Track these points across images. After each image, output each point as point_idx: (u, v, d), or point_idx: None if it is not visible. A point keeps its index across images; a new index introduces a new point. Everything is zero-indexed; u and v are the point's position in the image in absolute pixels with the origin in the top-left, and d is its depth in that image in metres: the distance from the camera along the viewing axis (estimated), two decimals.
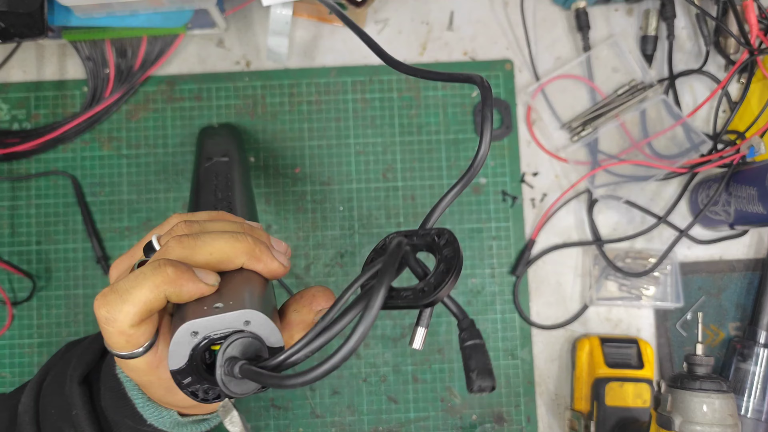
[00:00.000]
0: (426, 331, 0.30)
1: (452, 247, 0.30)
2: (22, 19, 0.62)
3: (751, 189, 0.61)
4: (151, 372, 0.33)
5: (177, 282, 0.30)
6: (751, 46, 0.65)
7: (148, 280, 0.30)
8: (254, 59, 0.71)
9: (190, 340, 0.30)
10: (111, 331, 0.30)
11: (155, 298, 0.30)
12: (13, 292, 0.67)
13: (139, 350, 0.32)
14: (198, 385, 0.32)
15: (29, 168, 0.68)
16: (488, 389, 0.28)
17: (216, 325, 0.30)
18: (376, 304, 0.25)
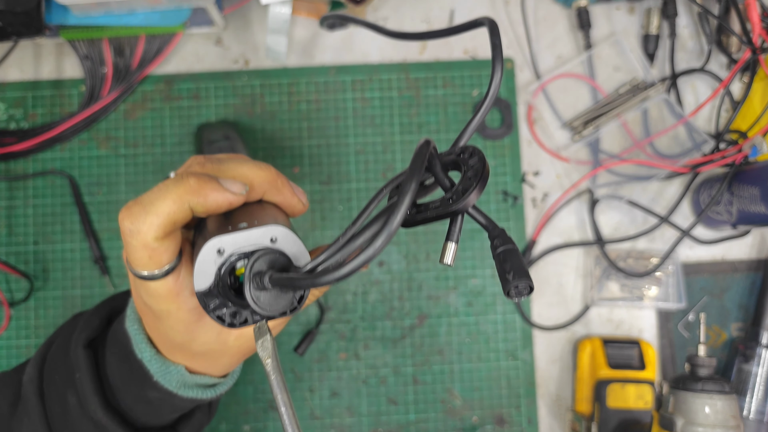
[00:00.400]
0: (456, 246, 0.29)
1: (477, 156, 0.29)
2: (20, 18, 0.62)
3: (754, 189, 0.60)
4: (171, 299, 0.32)
5: (201, 191, 0.29)
6: (754, 45, 0.64)
7: (171, 191, 0.29)
8: (253, 58, 0.70)
9: (215, 259, 0.30)
10: (134, 244, 0.29)
11: (179, 209, 0.29)
12: (10, 292, 0.67)
13: (161, 270, 0.31)
14: (225, 308, 0.31)
15: (26, 168, 0.68)
16: (526, 290, 0.27)
17: (242, 242, 0.30)
18: (405, 202, 0.24)
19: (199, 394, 0.39)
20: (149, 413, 0.39)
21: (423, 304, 0.68)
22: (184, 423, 0.43)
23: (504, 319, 0.68)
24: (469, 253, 0.69)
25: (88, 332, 0.40)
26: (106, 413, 0.38)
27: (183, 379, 0.37)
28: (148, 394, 0.38)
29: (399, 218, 0.24)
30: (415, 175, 0.25)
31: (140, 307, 0.35)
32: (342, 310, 0.68)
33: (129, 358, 0.37)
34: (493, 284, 0.68)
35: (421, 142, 0.28)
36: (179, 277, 0.32)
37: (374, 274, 0.68)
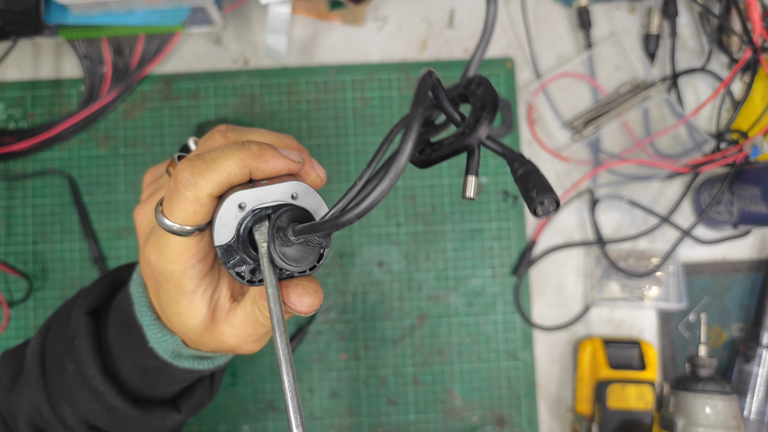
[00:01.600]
0: (477, 179, 0.29)
1: (485, 86, 0.28)
2: (19, 18, 0.62)
3: (755, 188, 0.60)
4: (183, 260, 0.32)
5: (262, 156, 0.30)
6: (755, 45, 0.64)
7: (235, 153, 0.30)
8: (252, 57, 0.70)
9: (236, 213, 0.30)
10: (187, 196, 0.30)
11: (239, 171, 0.30)
12: (9, 292, 0.66)
13: (190, 228, 0.31)
14: (244, 265, 0.31)
15: (25, 167, 0.68)
16: (552, 204, 0.26)
17: (263, 197, 0.30)
18: (411, 135, 0.24)
19: (195, 365, 0.39)
20: (147, 383, 0.39)
21: (423, 304, 0.68)
22: (184, 397, 0.43)
23: (504, 319, 0.68)
24: (469, 253, 0.68)
25: (90, 300, 0.40)
26: (104, 380, 0.38)
27: (178, 349, 0.37)
28: (145, 362, 0.38)
29: (408, 149, 0.23)
30: (418, 106, 0.25)
31: (145, 269, 0.35)
32: (342, 310, 0.68)
33: (129, 322, 0.38)
34: (493, 284, 0.68)
35: (423, 73, 0.27)
36: (200, 241, 0.32)
37: (374, 274, 0.68)
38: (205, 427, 0.66)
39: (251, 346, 0.37)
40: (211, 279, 0.34)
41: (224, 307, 0.35)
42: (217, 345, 0.36)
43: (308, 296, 0.32)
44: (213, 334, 0.35)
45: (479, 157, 0.29)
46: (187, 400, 0.43)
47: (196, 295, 0.34)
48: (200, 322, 0.35)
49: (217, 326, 0.35)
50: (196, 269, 0.33)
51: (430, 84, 0.27)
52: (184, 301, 0.34)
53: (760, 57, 0.65)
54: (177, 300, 0.34)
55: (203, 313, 0.34)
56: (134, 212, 0.37)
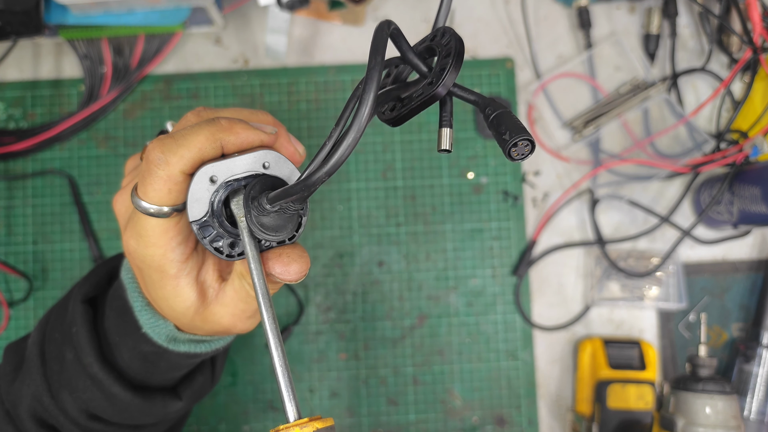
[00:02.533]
0: (451, 131, 0.28)
1: (449, 34, 0.28)
2: (19, 18, 0.62)
3: (755, 188, 0.60)
4: (162, 242, 0.32)
5: (232, 129, 0.30)
6: (755, 45, 0.64)
7: (204, 129, 0.30)
8: (252, 57, 0.70)
9: (208, 187, 0.30)
10: (160, 174, 0.29)
11: (210, 145, 0.30)
12: (9, 292, 0.66)
13: (169, 208, 0.31)
14: (221, 240, 0.31)
15: (25, 167, 0.68)
16: (527, 146, 0.26)
17: (233, 168, 0.30)
18: (371, 87, 0.23)
19: (193, 348, 0.38)
20: (147, 370, 0.39)
21: (423, 304, 0.68)
22: (185, 385, 0.42)
23: (504, 319, 0.68)
24: (469, 253, 0.68)
25: (86, 288, 0.40)
26: (102, 367, 0.38)
27: (172, 334, 0.37)
28: (143, 347, 0.37)
29: (369, 101, 0.23)
30: (376, 54, 0.24)
31: (127, 254, 0.35)
32: (342, 310, 0.68)
33: (125, 309, 0.37)
34: (493, 284, 0.68)
35: (380, 23, 0.27)
36: (179, 222, 0.32)
37: (374, 274, 0.68)
38: (205, 427, 0.66)
39: (246, 324, 0.36)
40: (194, 261, 0.34)
41: (213, 287, 0.35)
42: (211, 327, 0.36)
43: (294, 263, 0.32)
44: (205, 316, 0.35)
45: (452, 107, 0.28)
46: (188, 387, 0.42)
47: (180, 279, 0.33)
48: (189, 306, 0.34)
49: (208, 308, 0.35)
50: (176, 252, 0.32)
51: (387, 33, 0.26)
52: (168, 285, 0.33)
53: (760, 57, 0.65)
54: (161, 285, 0.33)
55: (191, 297, 0.34)
56: (113, 200, 0.37)
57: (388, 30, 0.26)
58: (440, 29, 0.29)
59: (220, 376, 0.46)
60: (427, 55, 0.30)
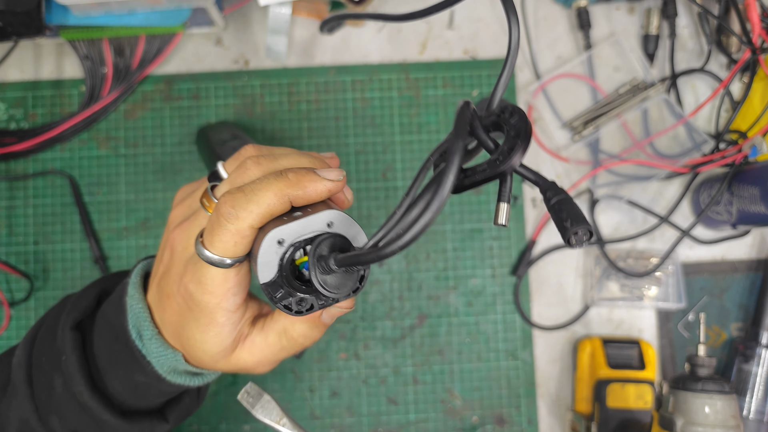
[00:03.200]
0: (509, 206, 0.29)
1: (518, 115, 0.29)
2: (20, 18, 0.62)
3: (754, 189, 0.60)
4: (220, 292, 0.33)
5: (300, 183, 0.31)
6: (753, 45, 0.64)
7: (272, 185, 0.31)
8: (253, 58, 0.70)
9: (276, 250, 0.31)
10: (229, 228, 0.30)
11: (279, 201, 0.31)
12: (10, 292, 0.67)
13: (232, 260, 0.32)
14: (290, 297, 0.32)
15: (26, 168, 0.68)
16: (586, 235, 0.27)
17: (300, 230, 0.31)
18: (454, 166, 0.24)
19: (187, 381, 0.39)
20: (136, 397, 0.39)
21: (423, 304, 0.68)
22: (172, 407, 0.43)
23: (504, 319, 0.68)
24: (469, 253, 0.69)
25: (76, 314, 0.40)
26: (92, 396, 0.38)
27: (176, 365, 0.37)
28: (136, 377, 0.38)
29: (450, 182, 0.24)
30: (459, 137, 0.25)
31: (170, 291, 0.35)
32: None
33: (119, 338, 0.37)
34: (493, 284, 0.69)
35: (461, 104, 0.28)
36: (239, 273, 0.33)
37: (374, 274, 0.68)
38: (205, 427, 0.66)
39: (264, 368, 0.38)
40: (242, 311, 0.35)
41: (244, 332, 0.36)
42: (231, 368, 0.37)
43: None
44: (230, 360, 0.36)
45: (511, 183, 0.29)
46: (175, 410, 0.43)
47: (226, 327, 0.34)
48: (222, 350, 0.35)
49: (234, 352, 0.36)
50: (230, 302, 0.34)
51: (469, 115, 0.28)
52: (212, 331, 0.34)
53: (759, 57, 0.65)
54: (205, 329, 0.34)
55: (227, 342, 0.35)
56: (171, 232, 0.37)
57: (469, 111, 0.28)
58: (509, 107, 0.30)
59: (204, 398, 0.46)
60: (492, 128, 0.31)
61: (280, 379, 0.67)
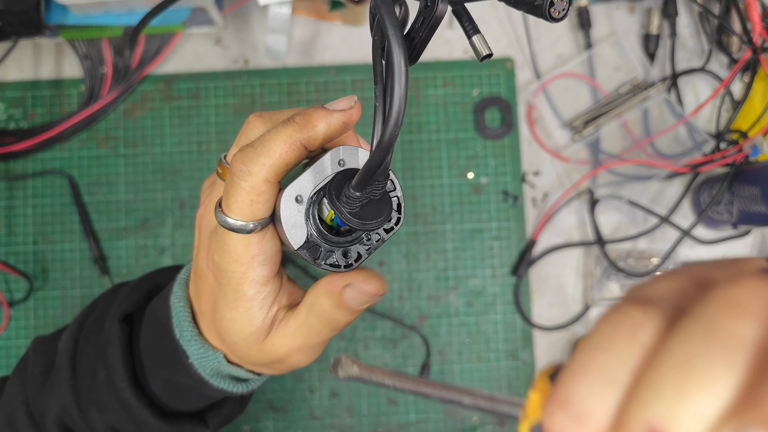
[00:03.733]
0: (481, 36, 0.27)
1: None
2: (19, 18, 0.62)
3: (755, 188, 0.60)
4: (245, 260, 0.31)
5: (310, 124, 0.29)
6: (754, 45, 0.64)
7: (280, 132, 0.29)
8: (252, 57, 0.70)
9: (299, 209, 0.29)
10: (243, 186, 0.29)
11: (291, 148, 0.29)
12: (9, 292, 0.66)
13: (253, 223, 0.30)
14: (333, 254, 0.30)
15: (26, 167, 0.68)
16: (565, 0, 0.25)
17: (313, 180, 0.29)
18: (393, 33, 0.22)
19: (231, 387, 0.37)
20: (177, 399, 0.38)
21: (423, 304, 0.68)
22: (213, 412, 0.41)
23: (504, 319, 0.68)
24: (469, 253, 0.69)
25: (126, 306, 0.39)
26: (134, 393, 0.37)
27: (218, 367, 0.36)
28: (179, 379, 0.37)
29: (398, 45, 0.22)
30: (384, 3, 0.23)
31: (201, 271, 0.34)
32: None
33: (165, 337, 0.36)
34: (493, 284, 0.68)
35: None
36: (263, 239, 0.31)
37: None
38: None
39: (301, 358, 0.35)
40: (273, 287, 0.33)
41: (279, 317, 0.34)
42: (265, 357, 0.35)
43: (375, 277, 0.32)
44: (263, 346, 0.34)
45: (468, 13, 0.27)
46: (217, 416, 0.41)
47: (255, 301, 0.32)
48: (254, 331, 0.33)
49: (268, 337, 0.34)
50: (257, 272, 0.31)
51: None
52: (242, 306, 0.32)
53: (759, 57, 0.65)
54: (235, 305, 0.32)
55: (259, 322, 0.33)
56: (196, 218, 0.36)
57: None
58: None
59: (248, 404, 0.44)
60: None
61: (279, 379, 0.66)
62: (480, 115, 0.69)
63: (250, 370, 0.37)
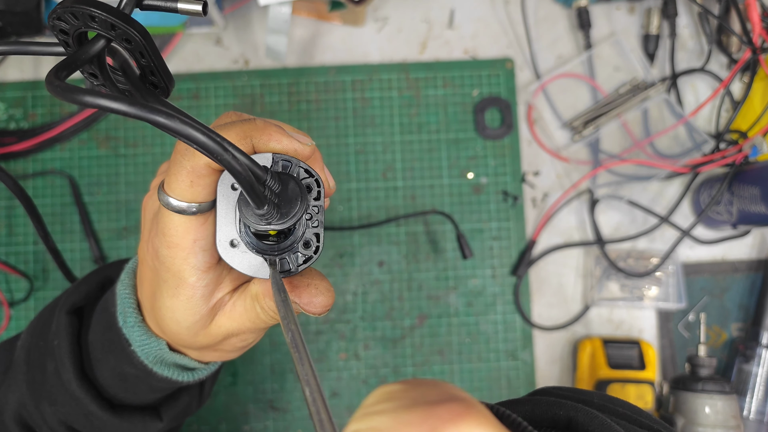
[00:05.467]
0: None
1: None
2: (19, 18, 0.62)
3: (754, 189, 0.60)
4: (185, 243, 0.30)
5: (266, 130, 0.29)
6: (754, 45, 0.64)
7: (237, 125, 0.29)
8: (253, 58, 0.70)
9: (242, 250, 0.30)
10: (185, 165, 0.28)
11: (240, 141, 0.29)
12: (10, 292, 0.67)
13: (195, 205, 0.29)
14: (284, 260, 0.30)
15: (26, 168, 0.68)
16: None
17: (228, 221, 0.30)
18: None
19: (176, 375, 0.37)
20: (126, 390, 0.38)
21: (423, 304, 0.68)
22: (168, 405, 0.41)
23: (504, 319, 0.68)
24: None
25: (75, 298, 0.39)
26: (80, 384, 0.37)
27: (161, 355, 0.36)
28: (125, 368, 0.36)
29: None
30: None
31: (143, 256, 0.33)
32: (342, 310, 0.68)
33: (111, 326, 0.36)
34: (493, 284, 0.68)
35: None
36: (204, 223, 0.30)
37: (374, 274, 0.68)
38: (205, 427, 0.66)
39: (245, 340, 0.35)
40: (215, 275, 0.32)
41: (225, 301, 0.33)
42: (210, 339, 0.34)
43: (321, 296, 0.31)
44: (210, 329, 0.33)
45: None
46: (172, 408, 0.41)
47: (197, 289, 0.31)
48: (196, 320, 0.32)
49: (214, 320, 0.33)
50: (198, 258, 0.30)
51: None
52: (183, 295, 0.31)
53: (759, 57, 0.65)
54: (175, 293, 0.31)
55: (202, 311, 0.32)
56: (142, 202, 0.36)
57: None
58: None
59: (208, 398, 0.44)
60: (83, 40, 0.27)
61: (279, 379, 0.66)
62: (480, 115, 0.69)
63: (196, 358, 0.37)
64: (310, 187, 0.30)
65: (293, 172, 0.30)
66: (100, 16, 0.24)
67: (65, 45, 0.27)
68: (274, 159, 0.30)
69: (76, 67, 0.25)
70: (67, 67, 0.24)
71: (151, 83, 0.30)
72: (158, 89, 0.29)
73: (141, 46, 0.26)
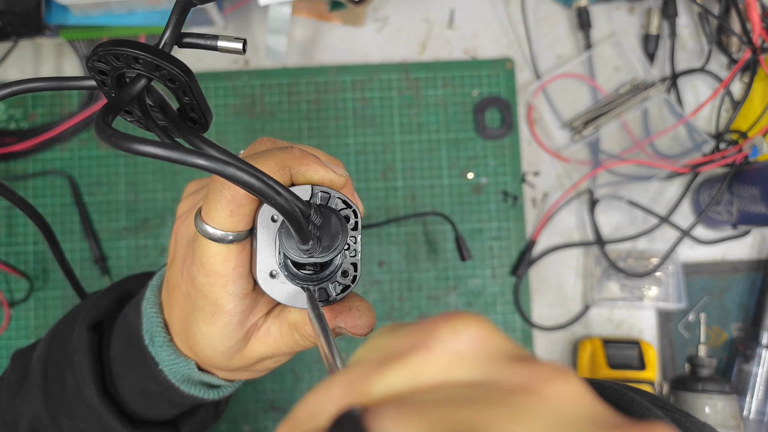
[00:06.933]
0: (224, 36, 0.29)
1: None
2: (19, 18, 0.62)
3: (754, 189, 0.60)
4: (222, 273, 0.30)
5: (304, 160, 0.30)
6: (754, 45, 0.64)
7: (275, 154, 0.29)
8: (253, 58, 0.70)
9: (281, 281, 0.30)
10: (224, 194, 0.28)
11: (278, 171, 0.29)
12: (10, 292, 0.67)
13: (233, 234, 0.29)
14: (324, 289, 0.30)
15: (26, 168, 0.68)
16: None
17: (269, 251, 0.30)
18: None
19: (201, 393, 0.37)
20: (147, 406, 0.38)
21: (423, 304, 0.68)
22: (186, 419, 0.41)
23: (504, 319, 0.68)
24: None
25: (95, 313, 0.39)
26: (102, 401, 0.37)
27: (189, 374, 0.36)
28: (147, 386, 0.36)
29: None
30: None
31: (176, 280, 0.33)
32: None
33: (134, 343, 0.36)
34: (493, 284, 0.68)
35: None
36: (242, 252, 0.30)
37: (374, 274, 0.68)
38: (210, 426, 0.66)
39: (278, 362, 0.35)
40: (251, 300, 0.32)
41: (258, 324, 0.33)
42: (244, 362, 0.34)
43: (365, 317, 0.31)
44: (244, 353, 0.34)
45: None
46: (189, 423, 0.41)
47: (234, 315, 0.31)
48: (233, 344, 0.33)
49: (248, 344, 0.33)
50: (237, 285, 0.31)
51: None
52: (219, 321, 0.31)
53: (759, 57, 0.65)
54: (212, 320, 0.31)
55: (238, 337, 0.32)
56: (174, 228, 0.35)
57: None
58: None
59: (224, 412, 0.44)
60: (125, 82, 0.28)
61: (279, 379, 0.66)
62: (480, 115, 0.69)
63: (225, 378, 0.37)
64: (348, 217, 0.31)
65: (332, 204, 0.30)
66: (146, 58, 0.25)
67: (102, 85, 0.27)
68: (313, 191, 0.30)
69: (120, 109, 0.26)
70: (112, 110, 0.25)
71: (191, 119, 0.29)
72: (197, 125, 0.29)
73: (185, 85, 0.27)
